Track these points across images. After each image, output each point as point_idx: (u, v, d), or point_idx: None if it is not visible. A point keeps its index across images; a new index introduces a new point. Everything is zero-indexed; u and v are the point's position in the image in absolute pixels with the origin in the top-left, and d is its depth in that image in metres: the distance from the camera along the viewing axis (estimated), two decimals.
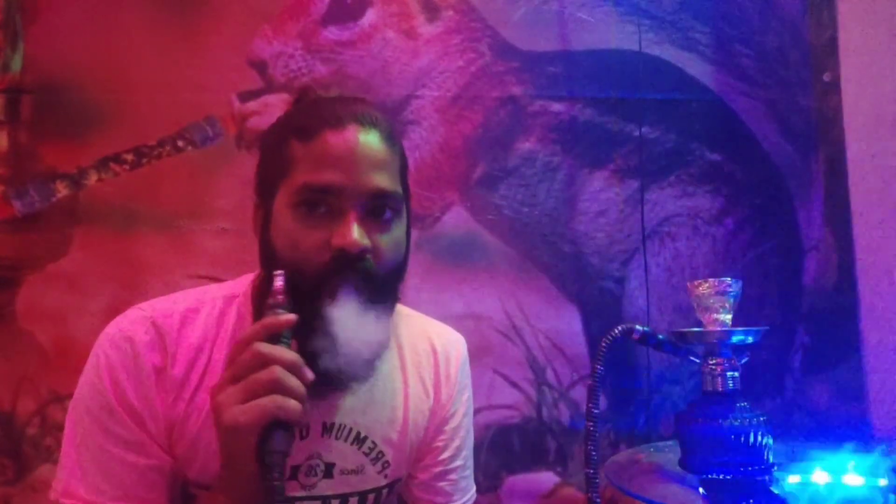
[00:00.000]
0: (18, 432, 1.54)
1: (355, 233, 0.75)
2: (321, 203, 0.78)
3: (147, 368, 0.79)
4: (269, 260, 0.81)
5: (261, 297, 0.77)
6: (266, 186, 0.84)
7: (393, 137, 0.84)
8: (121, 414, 0.78)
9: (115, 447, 0.77)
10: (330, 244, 0.76)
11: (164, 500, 0.80)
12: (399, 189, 0.83)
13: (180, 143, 1.65)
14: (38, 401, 1.55)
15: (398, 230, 0.83)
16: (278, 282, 0.72)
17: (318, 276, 0.76)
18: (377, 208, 0.80)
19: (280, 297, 0.71)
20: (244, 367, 0.66)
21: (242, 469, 0.66)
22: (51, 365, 1.55)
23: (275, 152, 0.83)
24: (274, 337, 0.68)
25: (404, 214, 0.85)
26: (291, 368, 0.66)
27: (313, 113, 0.82)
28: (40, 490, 1.52)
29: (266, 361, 0.65)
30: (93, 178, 1.62)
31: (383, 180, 0.80)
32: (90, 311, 1.56)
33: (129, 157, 1.64)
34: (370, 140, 0.80)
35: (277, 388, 0.64)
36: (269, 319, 0.69)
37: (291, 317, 0.70)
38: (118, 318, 0.83)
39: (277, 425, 0.64)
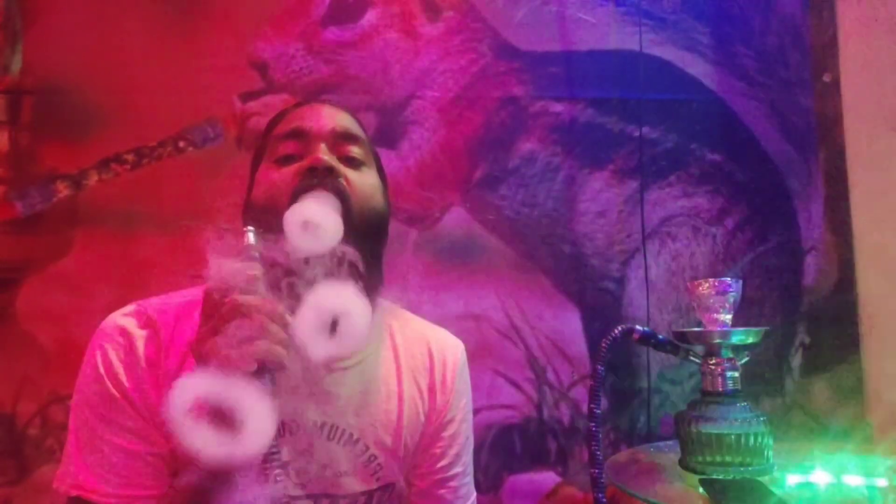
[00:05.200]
0: (19, 433, 1.54)
1: (322, 151, 0.83)
2: (293, 156, 0.85)
3: (142, 360, 0.81)
4: (249, 221, 0.82)
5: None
6: (252, 169, 0.92)
7: (359, 122, 0.94)
8: (120, 402, 0.79)
9: (116, 436, 0.78)
10: (300, 170, 0.82)
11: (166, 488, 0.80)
12: (365, 138, 0.92)
13: (181, 144, 1.65)
14: (39, 402, 1.55)
15: (370, 176, 0.89)
16: (249, 237, 0.72)
17: (290, 201, 0.77)
18: (344, 147, 0.87)
19: (251, 253, 0.71)
20: (227, 317, 0.66)
21: None
22: (51, 366, 1.55)
23: (260, 142, 0.95)
24: (246, 290, 0.68)
25: (375, 169, 0.92)
26: (272, 317, 0.66)
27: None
28: (42, 491, 1.52)
29: (249, 311, 0.65)
30: (93, 178, 1.63)
31: (347, 122, 0.90)
32: (91, 312, 1.55)
33: (130, 157, 1.64)
34: (334, 109, 0.92)
35: (263, 334, 0.65)
36: (243, 275, 0.69)
37: (260, 271, 0.69)
38: (115, 313, 0.86)
39: (264, 370, 0.64)
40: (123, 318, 0.84)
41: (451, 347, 1.01)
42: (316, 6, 1.72)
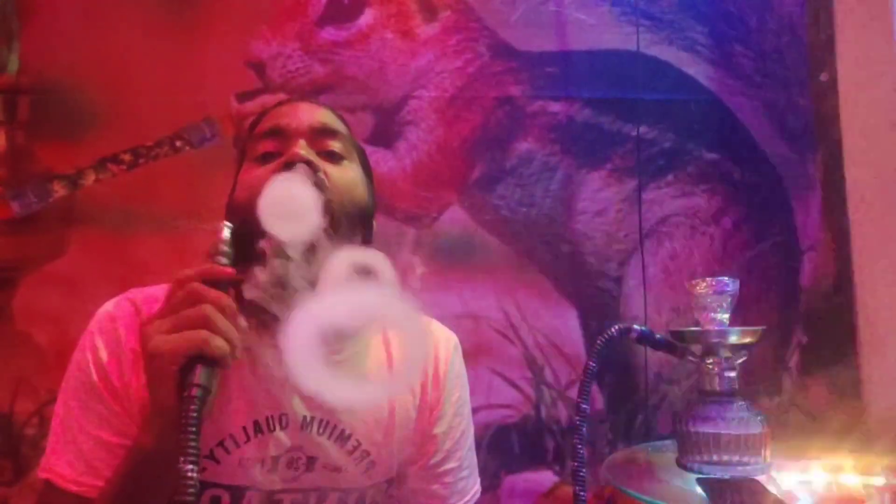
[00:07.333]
0: (17, 433, 1.54)
1: (300, 147, 0.81)
2: (272, 153, 0.85)
3: (126, 349, 0.81)
4: (233, 221, 0.81)
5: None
6: (236, 170, 0.91)
7: (341, 117, 0.93)
8: (100, 390, 0.79)
9: (91, 424, 0.78)
10: (278, 167, 0.80)
11: None
12: (346, 133, 0.91)
13: (178, 144, 1.65)
14: (37, 401, 1.55)
15: (351, 170, 0.88)
16: (224, 232, 0.71)
17: None
18: (323, 142, 0.86)
19: (222, 247, 0.70)
20: (177, 303, 0.65)
21: (164, 402, 0.64)
22: (48, 365, 1.55)
23: (243, 142, 0.94)
24: (212, 284, 0.67)
25: (358, 163, 0.91)
26: (223, 310, 0.65)
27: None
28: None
29: (199, 299, 0.64)
30: (90, 178, 1.62)
31: (325, 118, 0.89)
32: (87, 312, 1.54)
33: (127, 157, 1.64)
34: (313, 105, 0.92)
35: (206, 324, 0.63)
36: (208, 265, 0.68)
37: (230, 270, 0.69)
38: (109, 301, 0.88)
39: (201, 360, 0.62)
40: (114, 305, 0.86)
41: (443, 341, 1.00)
42: (312, 6, 1.72)
